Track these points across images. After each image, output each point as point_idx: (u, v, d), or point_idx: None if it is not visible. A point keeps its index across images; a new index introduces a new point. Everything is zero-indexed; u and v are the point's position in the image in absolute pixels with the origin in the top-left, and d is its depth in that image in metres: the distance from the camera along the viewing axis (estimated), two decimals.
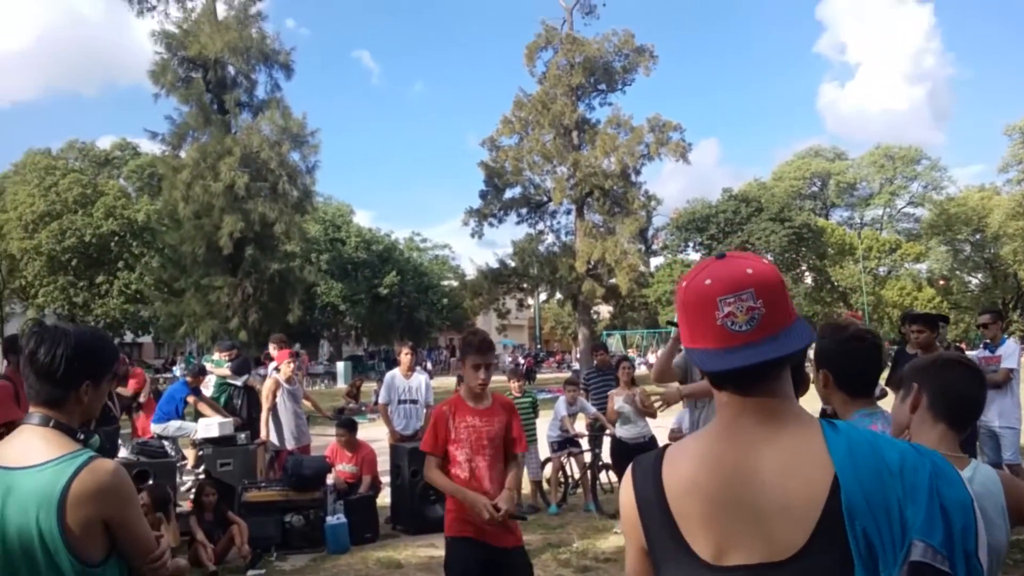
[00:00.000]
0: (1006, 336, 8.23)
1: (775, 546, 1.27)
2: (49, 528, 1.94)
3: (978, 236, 57.47)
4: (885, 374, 3.85)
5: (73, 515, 1.95)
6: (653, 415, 8.11)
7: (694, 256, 54.51)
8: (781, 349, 1.31)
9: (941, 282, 59.25)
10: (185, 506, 8.06)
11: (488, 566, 3.97)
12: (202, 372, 10.04)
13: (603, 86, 36.76)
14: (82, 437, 2.13)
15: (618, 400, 8.36)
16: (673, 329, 5.40)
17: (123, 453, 8.86)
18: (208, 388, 10.01)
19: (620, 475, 5.93)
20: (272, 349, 9.83)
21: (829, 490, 1.26)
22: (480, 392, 4.11)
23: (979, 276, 61.75)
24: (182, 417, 9.46)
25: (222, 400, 9.83)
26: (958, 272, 61.64)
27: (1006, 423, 7.38)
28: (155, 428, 9.41)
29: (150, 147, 38.47)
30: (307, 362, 36.38)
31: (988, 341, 8.06)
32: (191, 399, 9.54)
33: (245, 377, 10.17)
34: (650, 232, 45.58)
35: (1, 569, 1.98)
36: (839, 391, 2.49)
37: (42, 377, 2.07)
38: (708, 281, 1.35)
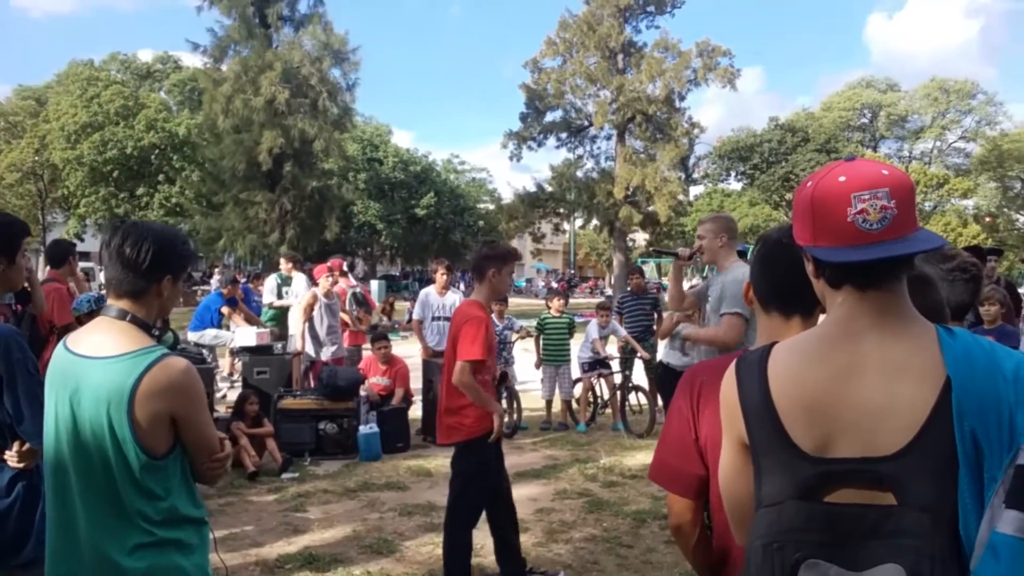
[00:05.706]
0: None
1: (879, 441, 1.29)
2: (119, 419, 2.02)
3: None
4: None
5: (142, 409, 2.02)
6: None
7: (735, 186, 53.53)
8: (912, 246, 1.32)
9: (988, 219, 57.69)
10: (222, 411, 8.26)
11: None
12: (234, 282, 10.19)
13: (651, 8, 35.72)
14: (156, 333, 2.19)
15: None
16: (671, 258, 5.25)
17: None
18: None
19: (666, 400, 5.85)
20: (283, 264, 10.28)
21: (940, 391, 1.28)
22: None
23: None
24: (217, 326, 9.62)
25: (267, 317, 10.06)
26: (1006, 209, 59.86)
27: None
28: (192, 336, 9.59)
29: (191, 61, 38.56)
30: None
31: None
32: (225, 309, 9.70)
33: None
34: (691, 160, 44.85)
35: (74, 453, 2.07)
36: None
37: (127, 268, 2.12)
38: (842, 178, 1.35)
